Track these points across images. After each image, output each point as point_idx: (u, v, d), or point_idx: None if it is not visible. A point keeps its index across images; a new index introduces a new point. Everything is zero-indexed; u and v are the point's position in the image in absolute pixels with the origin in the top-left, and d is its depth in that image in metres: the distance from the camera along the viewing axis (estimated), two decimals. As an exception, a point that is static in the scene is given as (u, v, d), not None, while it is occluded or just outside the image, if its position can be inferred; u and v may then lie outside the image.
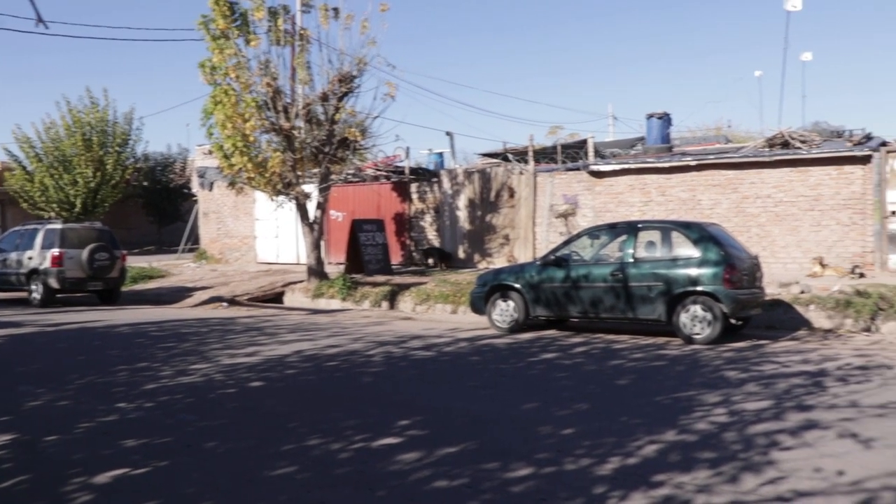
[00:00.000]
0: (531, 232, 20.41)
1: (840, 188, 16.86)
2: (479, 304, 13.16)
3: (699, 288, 11.09)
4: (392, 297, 16.94)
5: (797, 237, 17.25)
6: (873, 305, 12.30)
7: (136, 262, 24.33)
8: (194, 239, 28.51)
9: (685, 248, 11.54)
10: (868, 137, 17.60)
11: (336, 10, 17.54)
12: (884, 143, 16.88)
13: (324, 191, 18.51)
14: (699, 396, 7.45)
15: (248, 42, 17.32)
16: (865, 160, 16.54)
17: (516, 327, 12.55)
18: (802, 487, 4.86)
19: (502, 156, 23.66)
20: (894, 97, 71.13)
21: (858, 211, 16.64)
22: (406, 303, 16.67)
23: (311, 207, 18.58)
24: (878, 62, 74.83)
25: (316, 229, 18.53)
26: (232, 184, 19.61)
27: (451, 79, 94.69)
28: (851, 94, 71.64)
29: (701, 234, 11.56)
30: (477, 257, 21.26)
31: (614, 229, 12.70)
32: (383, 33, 20.63)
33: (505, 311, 12.71)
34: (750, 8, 77.42)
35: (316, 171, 18.52)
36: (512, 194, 20.83)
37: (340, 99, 17.73)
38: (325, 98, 17.67)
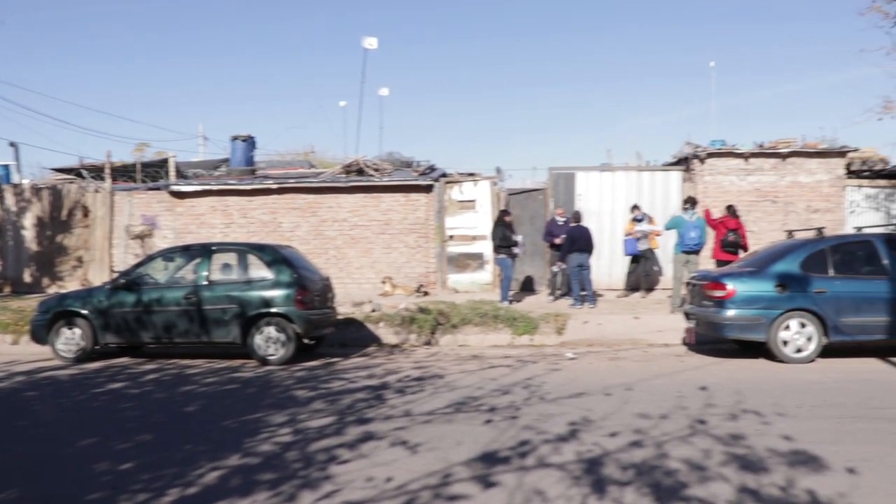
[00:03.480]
0: (108, 254, 19.22)
1: (408, 214, 18.33)
2: (41, 332, 12.01)
3: (273, 309, 11.28)
4: (-65, 329, 14.76)
5: (371, 258, 18.38)
6: (433, 321, 13.46)
7: None
8: None
9: (259, 271, 11.67)
10: (432, 168, 19.35)
11: None
12: (444, 175, 18.68)
13: None
14: (267, 418, 7.51)
15: None
16: (429, 189, 18.20)
17: (84, 356, 11.70)
18: (355, 497, 5.11)
19: (77, 171, 22.00)
20: (456, 133, 79.24)
21: (423, 235, 18.23)
22: (-46, 335, 14.64)
23: None
24: (443, 101, 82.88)
25: None
26: None
27: (19, 82, 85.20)
28: (421, 127, 78.40)
29: (274, 256, 11.78)
30: (46, 281, 19.44)
31: (189, 251, 12.37)
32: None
33: (70, 339, 11.78)
34: (336, 41, 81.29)
35: None
36: (87, 213, 19.44)
37: None
38: None
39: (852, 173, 18.64)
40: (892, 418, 7.23)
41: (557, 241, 15.91)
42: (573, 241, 15.24)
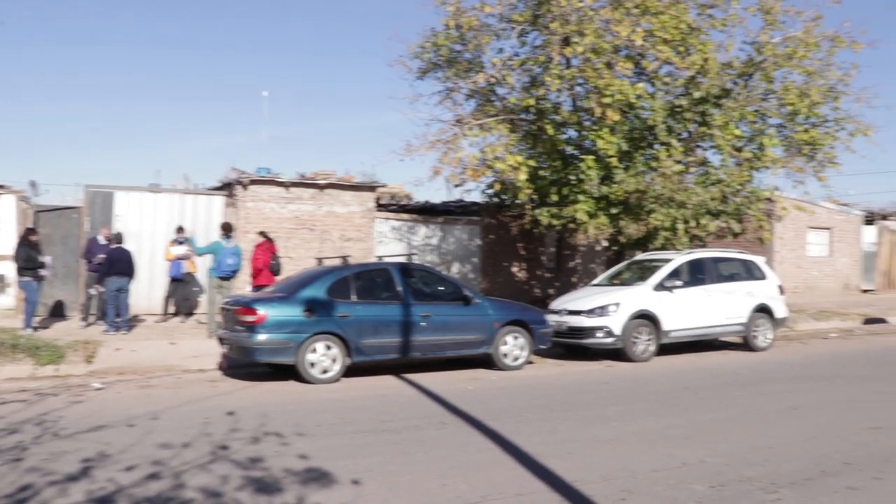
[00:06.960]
0: None
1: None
2: None
3: None
4: None
5: None
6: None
7: None
8: None
9: None
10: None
11: None
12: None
13: None
14: None
15: None
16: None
17: None
18: None
19: None
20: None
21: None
22: None
23: None
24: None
25: None
26: None
27: None
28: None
29: None
30: None
31: None
32: None
33: None
34: None
35: None
36: None
37: None
38: None
39: (382, 206, 20.45)
40: (396, 430, 8.05)
41: (97, 260, 15.09)
42: (112, 264, 14.55)
